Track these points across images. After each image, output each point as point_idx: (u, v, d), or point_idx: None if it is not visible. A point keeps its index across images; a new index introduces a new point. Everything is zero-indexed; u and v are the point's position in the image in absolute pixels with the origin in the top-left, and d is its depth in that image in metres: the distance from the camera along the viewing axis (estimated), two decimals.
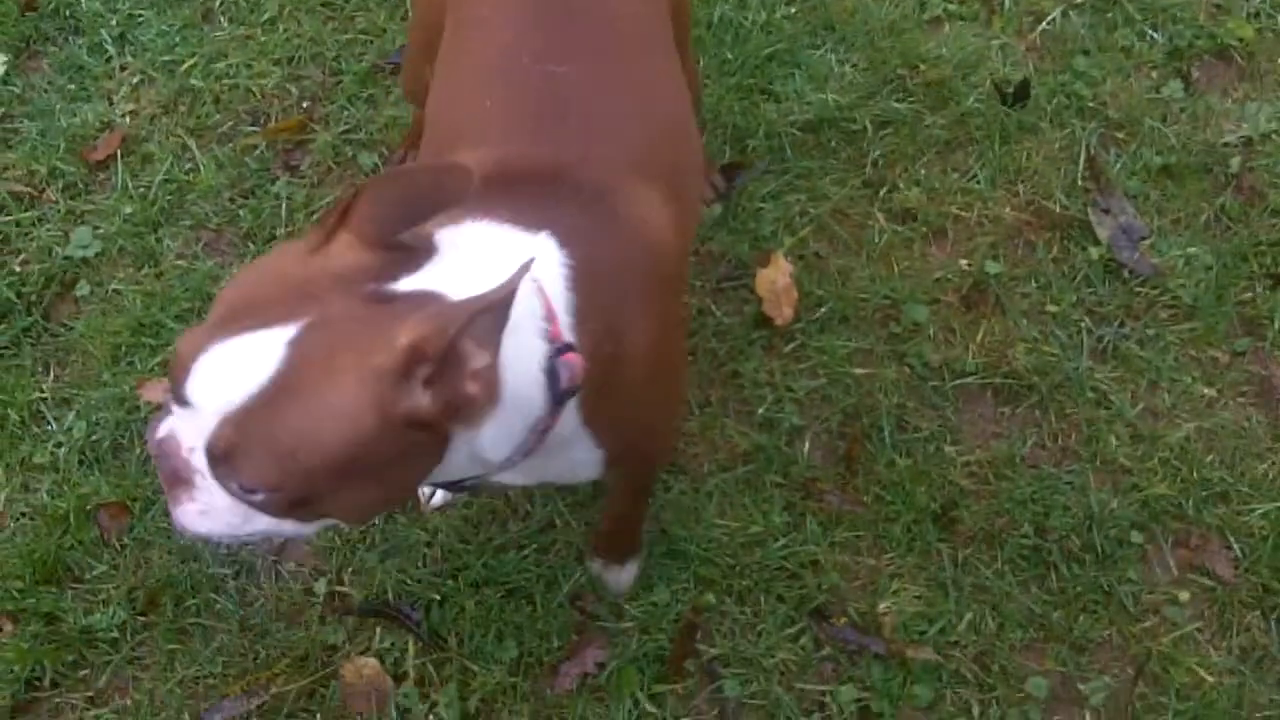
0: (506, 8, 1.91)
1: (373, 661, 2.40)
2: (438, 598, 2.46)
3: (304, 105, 3.10)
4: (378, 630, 2.44)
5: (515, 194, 1.65)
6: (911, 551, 2.48)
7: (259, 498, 1.41)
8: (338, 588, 2.49)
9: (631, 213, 1.75)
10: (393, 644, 2.43)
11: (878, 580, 2.46)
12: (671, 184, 1.87)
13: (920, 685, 2.35)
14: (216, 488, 1.44)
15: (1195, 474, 2.53)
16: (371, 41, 3.18)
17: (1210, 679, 2.35)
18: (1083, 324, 2.70)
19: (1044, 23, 3.13)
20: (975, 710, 2.34)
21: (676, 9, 2.15)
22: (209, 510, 1.48)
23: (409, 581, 2.48)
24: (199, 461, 1.43)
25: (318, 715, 2.37)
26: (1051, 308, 2.72)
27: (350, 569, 2.50)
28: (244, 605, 2.47)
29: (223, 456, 1.37)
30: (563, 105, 1.81)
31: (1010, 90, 2.99)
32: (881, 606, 2.43)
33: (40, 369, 2.76)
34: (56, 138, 3.06)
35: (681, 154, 2.00)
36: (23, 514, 2.58)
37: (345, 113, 3.08)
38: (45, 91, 3.15)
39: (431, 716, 2.36)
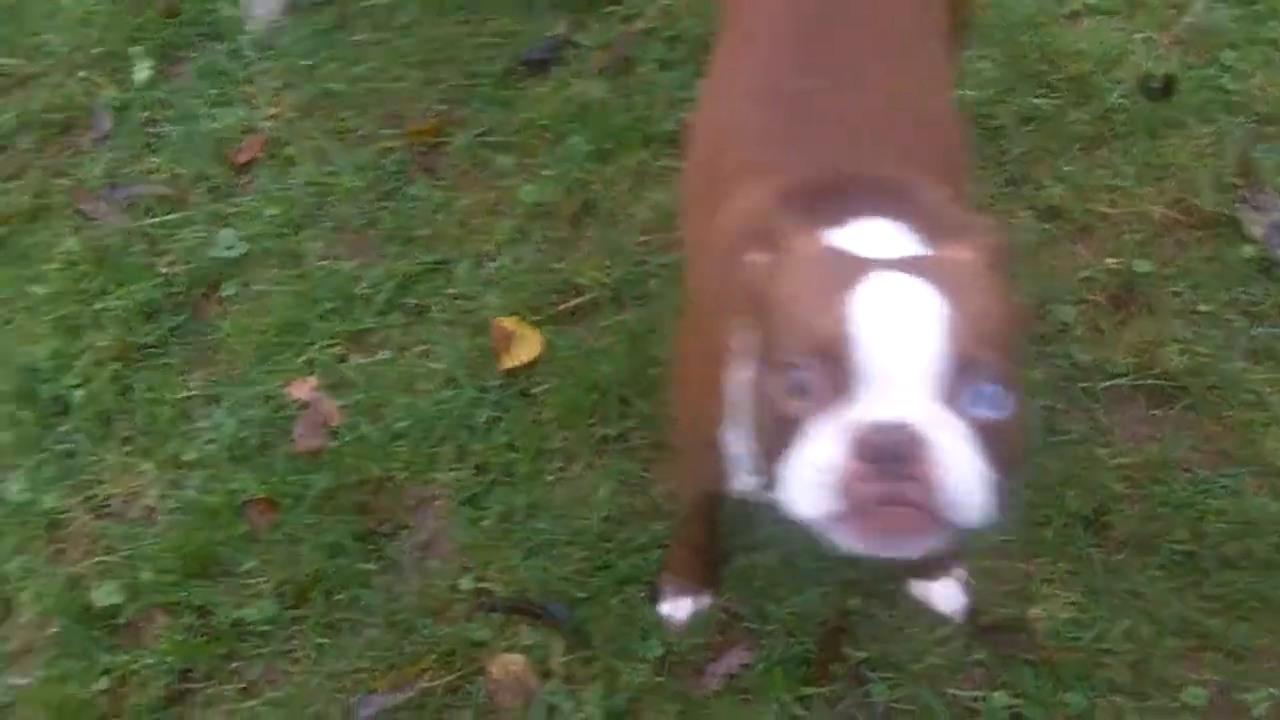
0: (774, 22, 1.94)
1: (518, 658, 2.41)
2: (583, 595, 2.46)
3: (441, 108, 3.14)
4: (522, 628, 2.45)
5: (833, 201, 1.61)
6: (1063, 557, 2.44)
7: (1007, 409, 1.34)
8: (483, 583, 2.50)
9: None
10: (537, 642, 2.44)
11: (1029, 586, 2.43)
12: (941, 177, 1.84)
13: (1073, 693, 2.31)
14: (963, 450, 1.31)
15: None
16: (505, 44, 3.21)
17: None
18: (1236, 324, 2.64)
19: (1188, 15, 3.07)
20: (1131, 719, 2.29)
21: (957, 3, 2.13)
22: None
23: (552, 579, 2.48)
24: (936, 431, 1.30)
25: (465, 711, 2.39)
26: (1203, 307, 2.66)
27: (494, 565, 2.51)
28: (390, 600, 2.49)
29: (964, 367, 1.30)
30: (829, 117, 1.80)
31: (1155, 85, 2.93)
32: (1032, 612, 2.39)
33: (188, 368, 2.81)
34: (200, 141, 3.12)
35: (946, 147, 1.98)
36: (174, 509, 2.62)
37: (481, 115, 3.11)
38: (188, 96, 3.22)
39: (579, 715, 2.36)
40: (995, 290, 1.40)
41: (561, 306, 2.82)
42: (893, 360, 1.30)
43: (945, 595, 2.42)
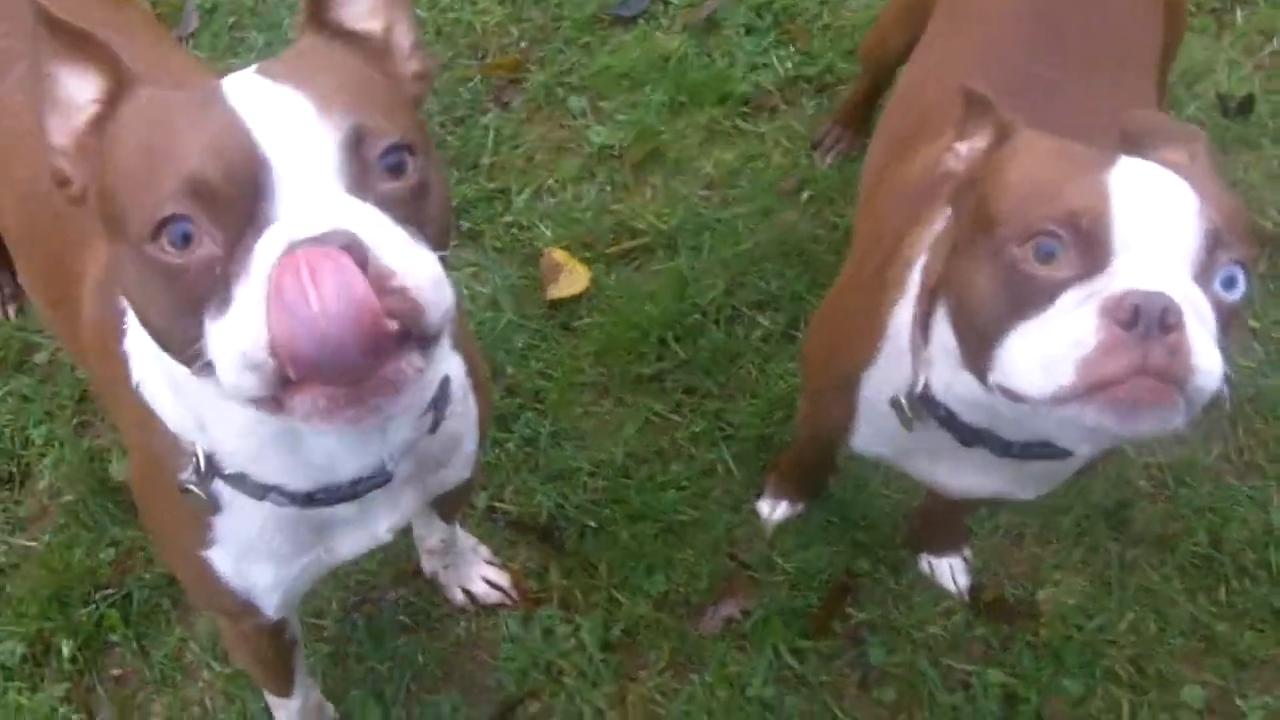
0: (1010, 9, 1.97)
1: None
2: (594, 525, 2.48)
3: (522, 45, 3.18)
4: (523, 548, 2.48)
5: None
6: (1079, 545, 2.42)
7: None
8: (498, 503, 2.52)
9: None
10: (537, 565, 2.47)
11: (1040, 569, 2.41)
12: None
13: (1071, 679, 2.29)
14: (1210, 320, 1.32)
15: None
16: None
17: None
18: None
19: (1275, 42, 3.04)
20: (1125, 710, 2.27)
21: (1171, 23, 2.13)
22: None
23: (568, 507, 2.50)
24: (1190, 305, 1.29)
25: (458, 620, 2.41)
26: (1253, 323, 2.63)
27: (511, 487, 2.54)
28: None
29: (1213, 245, 1.32)
30: (1044, 109, 1.79)
31: (1234, 104, 2.91)
32: (1041, 594, 2.38)
33: None
34: (281, 50, 3.16)
35: None
36: None
37: (560, 56, 3.14)
38: (277, 5, 3.28)
39: (574, 639, 2.38)
40: (1222, 183, 1.42)
41: (615, 247, 2.84)
42: (1152, 232, 1.31)
43: (951, 572, 2.41)
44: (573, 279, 2.78)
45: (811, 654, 2.35)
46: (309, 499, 1.43)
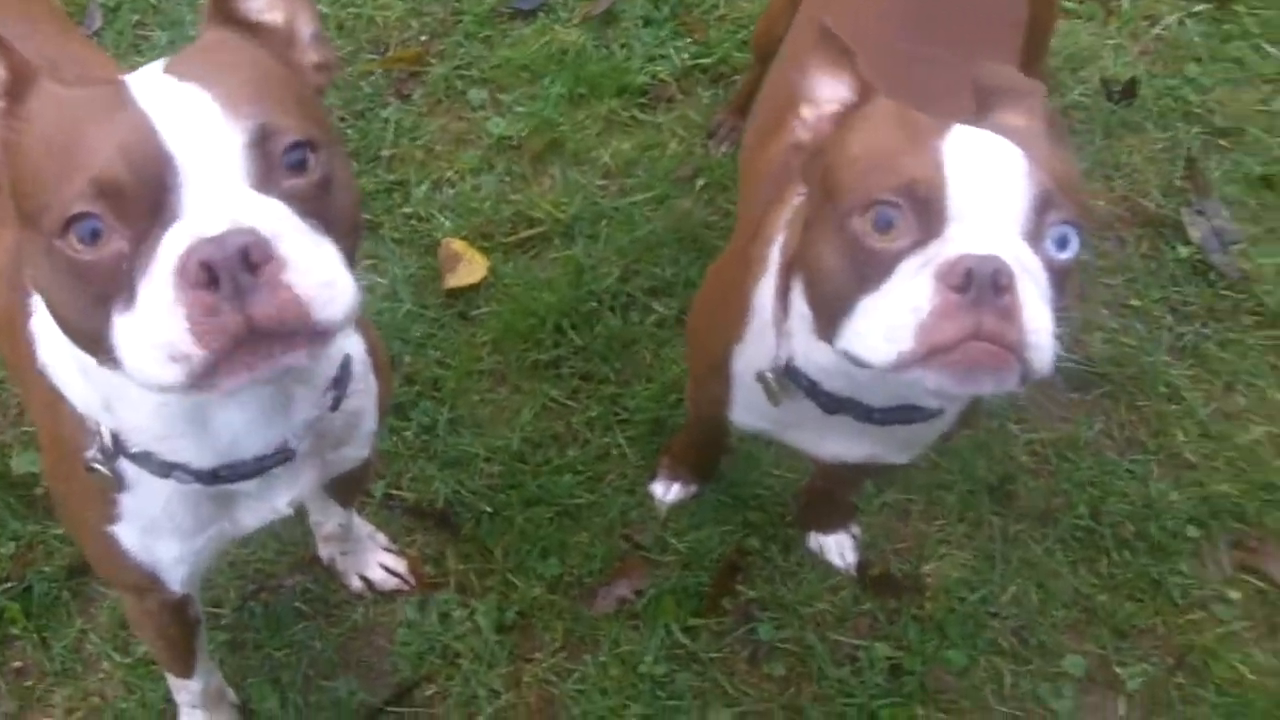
0: None
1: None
2: (490, 510, 2.50)
3: (423, 39, 3.20)
4: (420, 535, 2.49)
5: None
6: (963, 520, 2.48)
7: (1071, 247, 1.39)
8: (395, 490, 2.54)
9: None
10: (435, 550, 2.49)
11: (926, 544, 2.46)
12: None
13: (955, 650, 2.34)
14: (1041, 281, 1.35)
15: (1261, 477, 2.49)
16: None
17: (1252, 677, 2.31)
18: (1164, 320, 2.68)
19: (1159, 27, 3.12)
20: (1007, 680, 2.32)
21: (1037, 19, 2.15)
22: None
23: (464, 493, 2.52)
24: (1022, 266, 1.33)
25: (357, 607, 2.43)
26: (1135, 302, 2.71)
27: (409, 475, 2.56)
28: None
29: (1043, 207, 1.36)
30: (910, 85, 1.82)
31: (1118, 89, 2.98)
32: (927, 569, 2.43)
33: None
34: (184, 47, 3.17)
35: None
36: None
37: (461, 49, 3.16)
38: (179, 4, 3.28)
39: (469, 623, 2.40)
40: (1057, 145, 1.47)
41: (513, 236, 2.86)
42: (983, 197, 1.35)
43: (839, 548, 2.46)
44: (471, 268, 2.80)
45: (703, 631, 2.39)
46: (213, 476, 1.47)
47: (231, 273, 1.10)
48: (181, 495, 1.53)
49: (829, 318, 1.46)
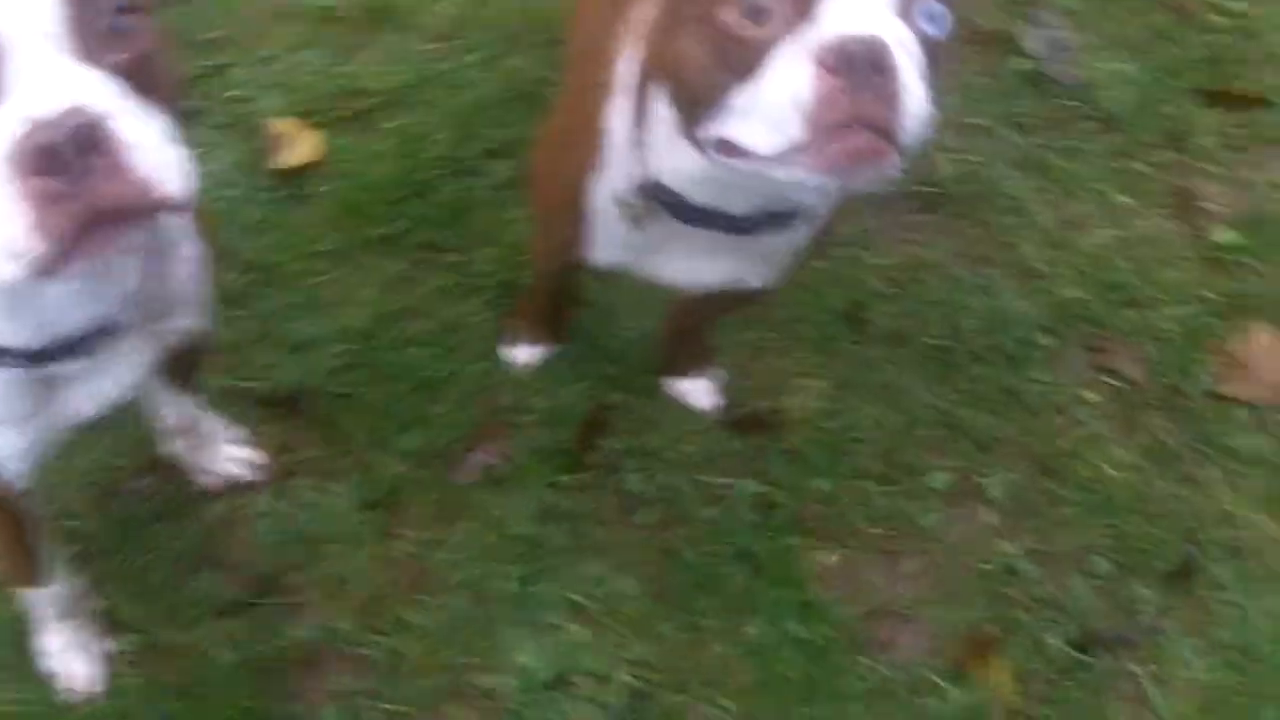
0: None
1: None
2: (341, 391, 2.44)
3: None
4: (272, 425, 2.42)
5: None
6: (820, 352, 2.47)
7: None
8: (242, 382, 2.46)
9: None
10: (287, 440, 2.41)
11: (785, 379, 2.45)
12: None
13: (821, 478, 2.35)
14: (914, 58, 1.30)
15: (1108, 278, 2.51)
16: None
17: (1113, 473, 2.35)
18: (1005, 135, 2.67)
19: None
20: (876, 502, 2.33)
21: None
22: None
23: (314, 377, 2.45)
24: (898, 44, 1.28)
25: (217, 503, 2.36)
26: (976, 119, 2.69)
27: (255, 364, 2.47)
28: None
29: None
30: None
31: None
32: (788, 403, 2.42)
33: None
34: None
35: None
36: None
37: None
38: None
39: (331, 507, 2.34)
40: None
41: (343, 110, 2.76)
42: None
43: (700, 392, 2.44)
44: (303, 147, 2.70)
45: (571, 487, 2.36)
46: (40, 356, 1.41)
47: (72, 157, 1.04)
48: (6, 383, 1.47)
49: (699, 117, 1.40)
